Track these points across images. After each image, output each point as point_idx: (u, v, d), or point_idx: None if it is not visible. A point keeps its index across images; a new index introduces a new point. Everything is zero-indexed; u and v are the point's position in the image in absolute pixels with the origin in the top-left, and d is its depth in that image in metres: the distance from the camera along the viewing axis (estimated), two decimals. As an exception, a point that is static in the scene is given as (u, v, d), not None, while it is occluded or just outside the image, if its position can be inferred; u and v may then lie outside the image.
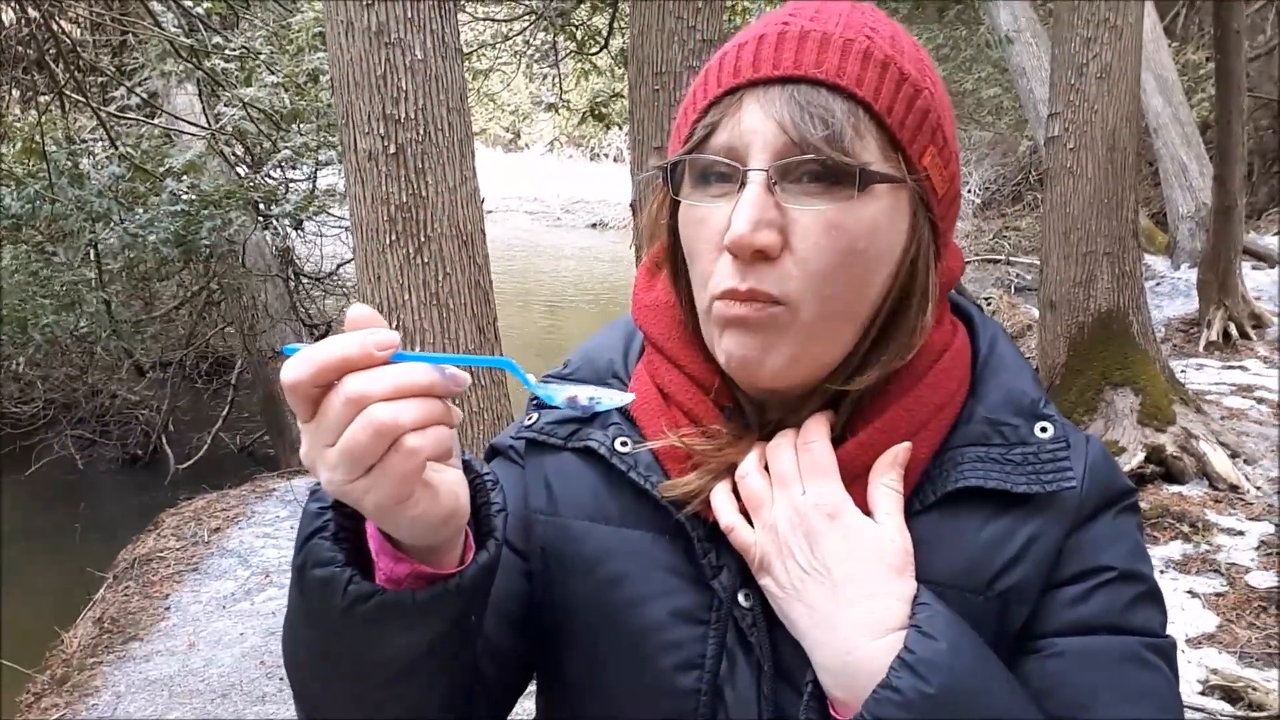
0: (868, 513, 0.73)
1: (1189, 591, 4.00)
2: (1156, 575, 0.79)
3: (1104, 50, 5.05)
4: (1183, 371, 6.37)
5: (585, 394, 0.70)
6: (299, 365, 0.57)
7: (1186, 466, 4.90)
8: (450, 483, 0.62)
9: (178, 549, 5.46)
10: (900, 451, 0.74)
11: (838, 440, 0.75)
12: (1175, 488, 4.83)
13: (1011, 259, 10.63)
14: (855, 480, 0.74)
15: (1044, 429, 0.76)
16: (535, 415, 0.86)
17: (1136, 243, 5.40)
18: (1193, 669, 3.47)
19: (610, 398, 0.70)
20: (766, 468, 0.76)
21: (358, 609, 0.63)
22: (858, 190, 0.68)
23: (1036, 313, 5.94)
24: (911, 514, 0.74)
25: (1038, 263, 8.57)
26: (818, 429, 0.75)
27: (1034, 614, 0.74)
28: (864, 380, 0.74)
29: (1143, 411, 5.06)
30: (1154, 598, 0.77)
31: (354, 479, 0.57)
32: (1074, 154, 5.15)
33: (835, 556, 0.71)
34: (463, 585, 0.65)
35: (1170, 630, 0.78)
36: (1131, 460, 4.84)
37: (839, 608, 0.70)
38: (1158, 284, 8.83)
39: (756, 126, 0.70)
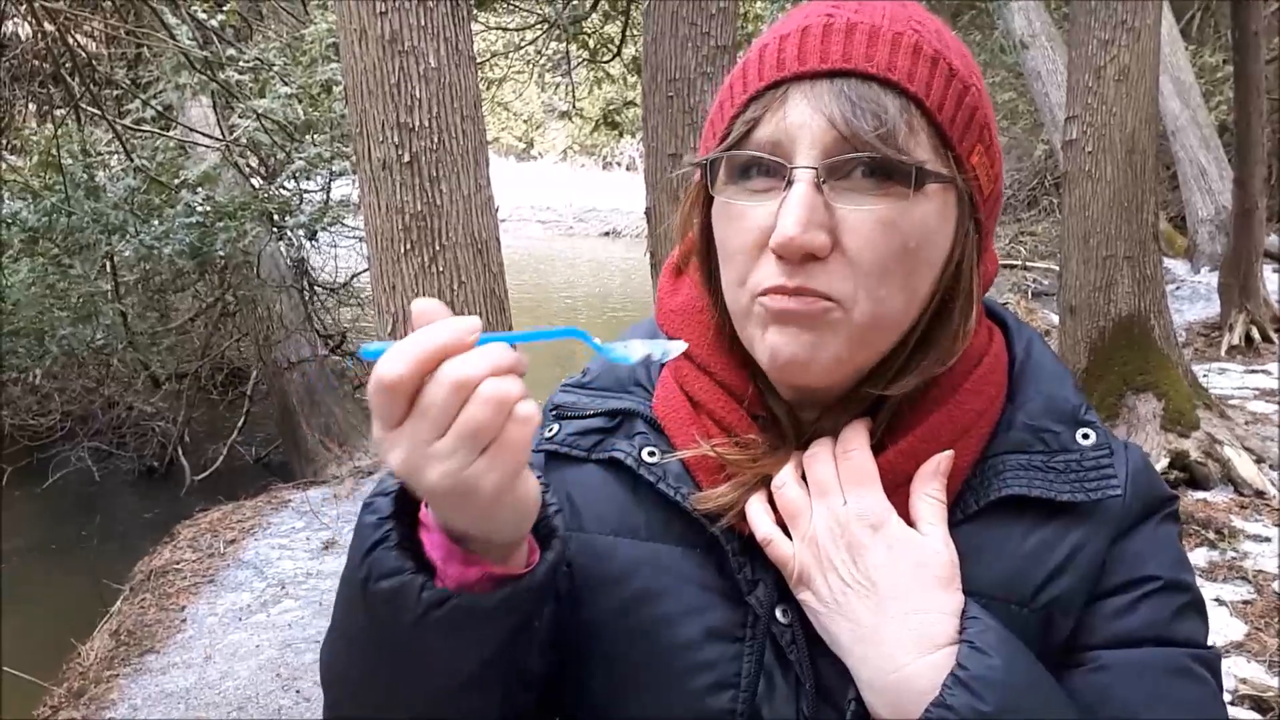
0: (910, 523, 0.71)
1: (1216, 599, 3.94)
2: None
3: (1122, 52, 5.00)
4: (1205, 376, 6.30)
5: (658, 349, 0.68)
6: (397, 362, 0.55)
7: (1211, 472, 4.84)
8: (532, 475, 0.62)
9: (194, 561, 5.45)
10: (943, 460, 0.72)
11: (877, 448, 0.73)
12: (1200, 494, 4.78)
13: (1028, 264, 10.56)
14: (897, 490, 0.72)
15: (1086, 435, 0.74)
16: (556, 427, 0.83)
17: (1157, 246, 5.35)
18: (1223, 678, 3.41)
19: (672, 347, 0.68)
20: (804, 478, 0.73)
21: (432, 616, 0.61)
22: (913, 189, 0.66)
23: (1054, 318, 5.89)
24: (954, 524, 0.72)
25: (1054, 268, 8.49)
26: (858, 437, 0.72)
27: (1078, 626, 0.72)
28: (903, 386, 0.71)
29: (1166, 417, 5.00)
30: (1198, 608, 0.74)
31: (472, 462, 0.56)
32: (1092, 157, 5.10)
33: (879, 569, 0.69)
34: (534, 584, 0.64)
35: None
36: (1155, 466, 4.78)
37: (884, 622, 0.68)
38: (1178, 288, 8.75)
39: (804, 121, 0.67)
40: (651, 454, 0.77)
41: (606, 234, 19.14)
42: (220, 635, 4.63)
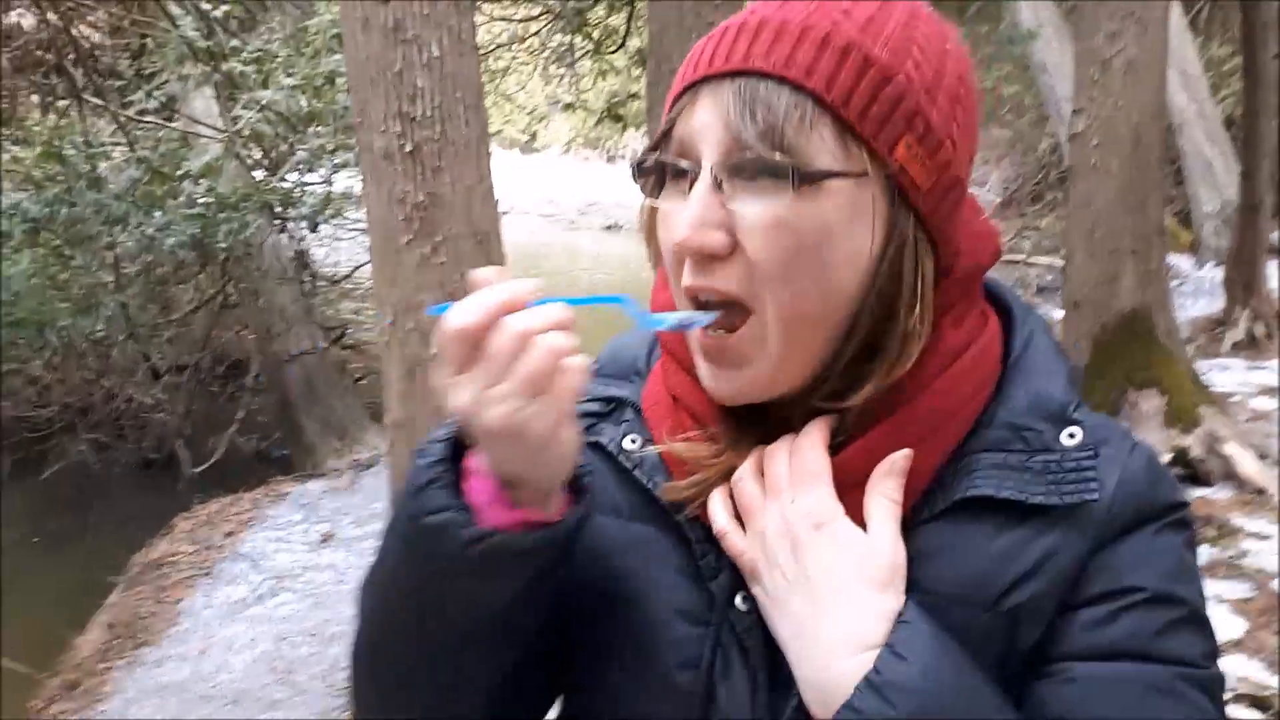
0: (863, 523, 0.70)
1: (1216, 597, 3.93)
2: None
3: (1129, 44, 4.96)
4: (1207, 372, 6.27)
5: (688, 319, 0.72)
6: (469, 313, 0.62)
7: (1213, 469, 4.83)
8: (577, 429, 0.68)
9: (191, 553, 5.45)
10: (899, 459, 0.71)
11: (839, 447, 0.72)
12: (1201, 491, 4.76)
13: (1032, 259, 10.51)
14: (854, 489, 0.71)
15: (1071, 435, 0.71)
16: None
17: (1162, 240, 5.31)
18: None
19: (698, 318, 0.72)
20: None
21: (470, 551, 0.66)
22: (794, 188, 0.66)
23: (1058, 313, 5.86)
24: (919, 522, 0.71)
25: (1059, 262, 8.47)
26: (813, 435, 0.73)
27: (1051, 635, 0.70)
28: (860, 395, 0.70)
29: (1168, 413, 4.98)
30: (1195, 625, 0.70)
31: (526, 405, 0.62)
32: (1098, 150, 5.07)
33: (818, 568, 0.69)
34: (564, 532, 0.69)
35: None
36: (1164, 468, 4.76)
37: (819, 621, 0.69)
38: (1182, 283, 8.71)
39: (707, 123, 0.68)
40: (633, 441, 0.80)
41: (609, 228, 19.09)
42: (216, 628, 4.63)
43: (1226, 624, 3.71)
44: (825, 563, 0.69)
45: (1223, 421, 5.03)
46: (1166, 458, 4.82)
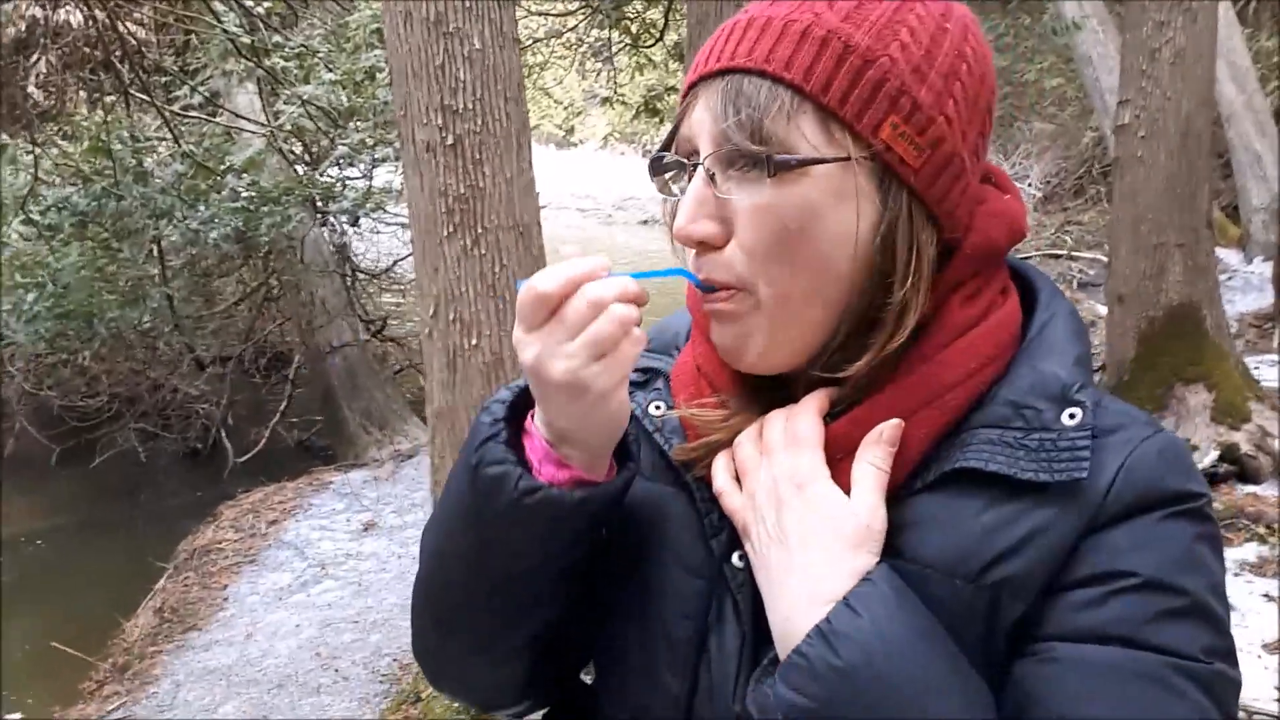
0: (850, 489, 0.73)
1: (1265, 595, 3.86)
2: (1229, 580, 0.70)
3: (1178, 34, 4.86)
4: (1256, 368, 6.14)
5: None
6: (550, 280, 0.69)
7: (1262, 465, 4.74)
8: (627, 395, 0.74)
9: (236, 541, 5.53)
10: (889, 429, 0.72)
11: (836, 417, 0.75)
12: (1250, 488, 4.67)
13: (1074, 254, 10.36)
14: (846, 456, 0.74)
15: (1072, 415, 0.71)
16: None
17: (1210, 234, 5.21)
18: (1269, 675, 3.33)
19: None
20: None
21: (524, 501, 0.72)
22: (769, 175, 0.70)
23: (1101, 309, 5.77)
24: (910, 493, 0.73)
25: (1101, 258, 8.32)
26: (810, 403, 0.76)
27: (1036, 616, 0.69)
28: (858, 367, 0.73)
29: (1216, 409, 4.88)
30: (1196, 617, 0.68)
31: (590, 364, 0.69)
32: (1145, 142, 4.97)
33: (793, 525, 0.72)
34: (610, 492, 0.76)
35: (1243, 636, 0.69)
36: (1204, 459, 4.68)
37: (788, 575, 0.71)
38: (1230, 278, 8.53)
39: (701, 119, 0.73)
40: (658, 407, 0.85)
41: (645, 222, 19.07)
42: (261, 614, 4.69)
43: (1276, 622, 3.64)
44: (801, 520, 0.72)
45: (1273, 417, 4.93)
46: (1214, 454, 4.73)
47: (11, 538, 6.41)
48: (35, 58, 7.67)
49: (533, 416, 0.77)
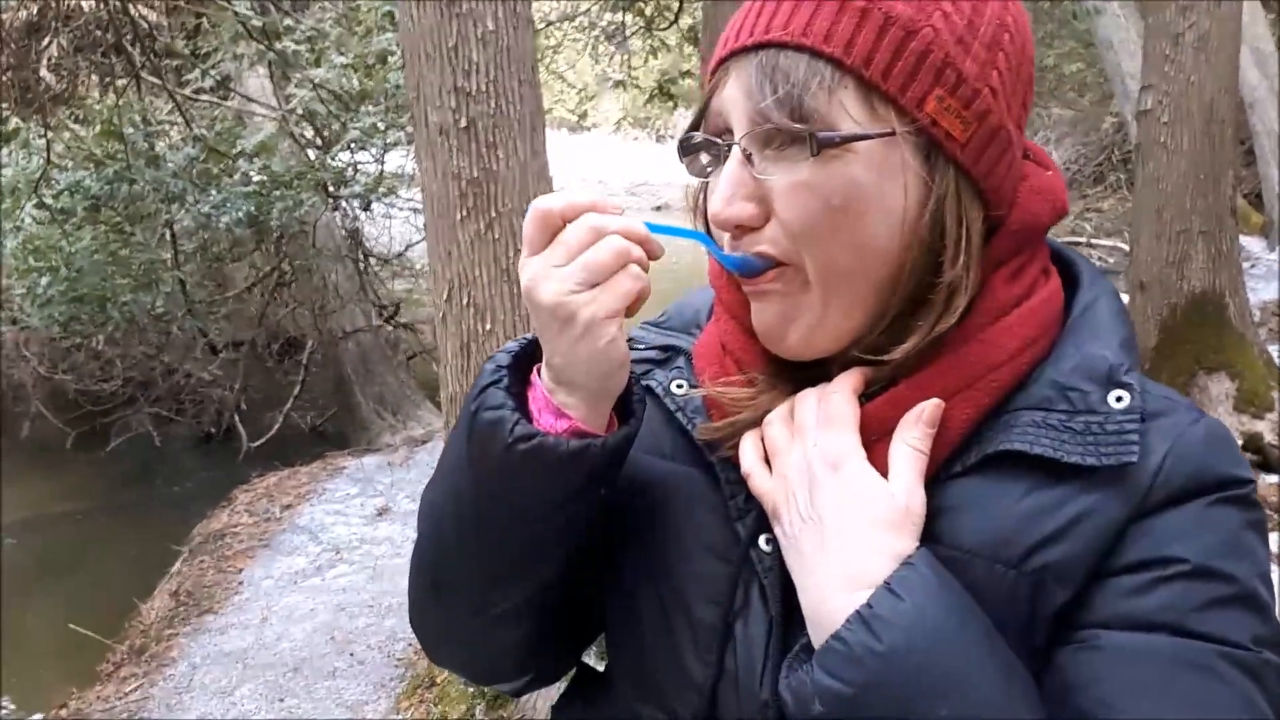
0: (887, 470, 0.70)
1: (1288, 586, 3.81)
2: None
3: (1201, 18, 4.78)
4: None
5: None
6: (556, 199, 0.68)
7: (1285, 455, 4.67)
8: (624, 341, 0.71)
9: (250, 525, 5.54)
10: (929, 409, 0.70)
11: (873, 397, 0.73)
12: (1273, 478, 4.62)
13: (1094, 241, 10.27)
14: (884, 438, 0.71)
15: (1119, 399, 0.68)
16: None
17: (1234, 221, 5.13)
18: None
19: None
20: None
21: (518, 448, 0.70)
22: (813, 154, 0.67)
23: (1123, 296, 5.70)
24: (950, 476, 0.71)
25: (1121, 245, 8.24)
26: (845, 382, 0.73)
27: (1081, 601, 0.67)
28: (904, 348, 0.70)
29: (1239, 397, 4.83)
30: (1244, 604, 0.66)
31: (582, 290, 0.67)
32: (1168, 128, 4.90)
33: (828, 506, 0.69)
34: (607, 445, 0.72)
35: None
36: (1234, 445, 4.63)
37: (824, 557, 0.69)
38: (1253, 266, 8.44)
39: (733, 97, 0.70)
40: (679, 386, 0.82)
41: (658, 208, 19.03)
42: (276, 598, 4.70)
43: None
44: (837, 501, 0.69)
45: (1296, 407, 4.87)
46: (1238, 443, 4.68)
47: (27, 521, 6.45)
48: (47, 41, 7.66)
49: (538, 370, 0.75)
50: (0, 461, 6.86)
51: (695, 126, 0.74)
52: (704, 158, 0.75)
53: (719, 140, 0.72)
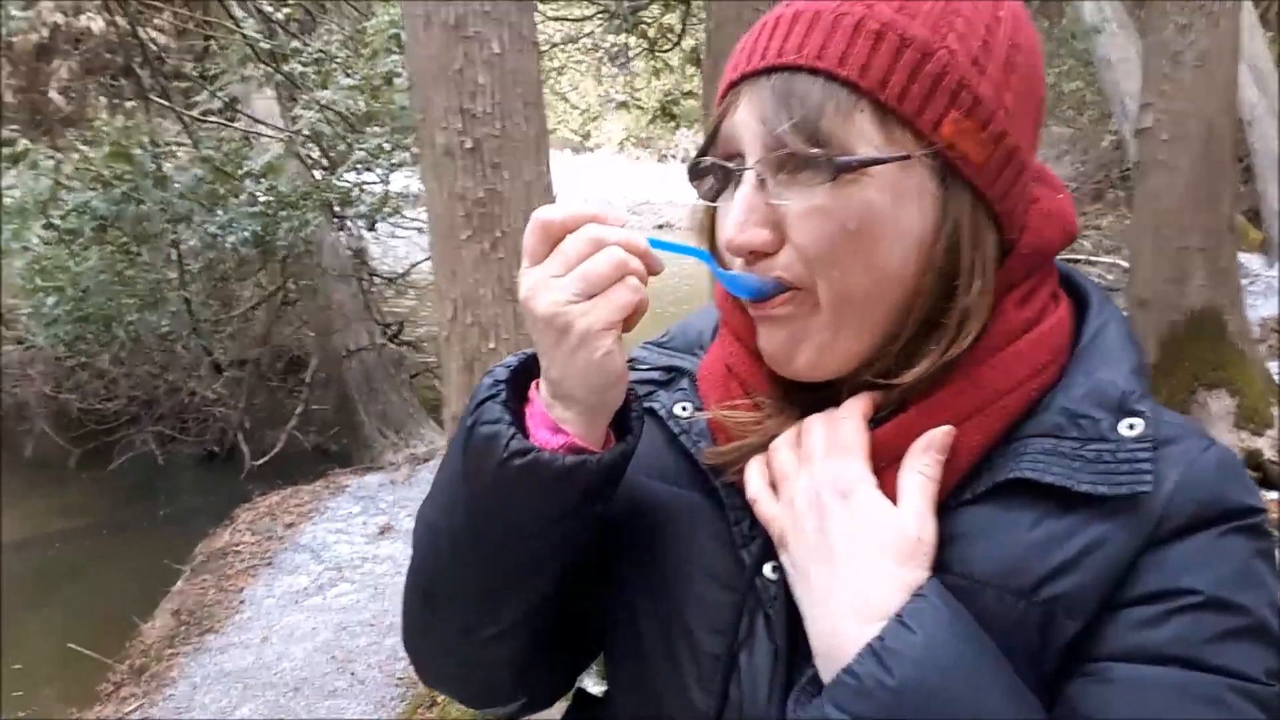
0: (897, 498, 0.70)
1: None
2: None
3: (1200, 37, 4.82)
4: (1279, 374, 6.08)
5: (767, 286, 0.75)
6: (557, 210, 0.68)
7: (1287, 473, 4.67)
8: (622, 354, 0.70)
9: (252, 543, 5.54)
10: (939, 436, 0.69)
11: (882, 423, 0.72)
12: (1274, 494, 4.60)
13: (1093, 259, 10.29)
14: (893, 464, 0.70)
15: (1131, 426, 0.68)
16: None
17: (1233, 237, 5.15)
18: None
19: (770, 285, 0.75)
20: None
21: (513, 463, 0.69)
22: (830, 179, 0.66)
23: (1123, 313, 5.71)
24: (960, 504, 0.70)
25: (1120, 263, 8.26)
26: (854, 407, 0.72)
27: (1092, 633, 0.66)
28: (915, 372, 0.70)
29: (1239, 414, 4.83)
30: (1256, 636, 0.65)
31: (577, 302, 0.66)
32: (1167, 146, 4.93)
33: (838, 536, 0.68)
34: (602, 462, 0.71)
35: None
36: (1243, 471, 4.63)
37: (834, 588, 0.67)
38: (1252, 282, 8.44)
39: (746, 121, 0.69)
40: (685, 409, 0.81)
41: (660, 227, 19.09)
42: (277, 617, 4.70)
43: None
44: (846, 531, 0.68)
45: (1297, 424, 4.87)
46: (1247, 471, 4.68)
47: (30, 539, 6.45)
48: (57, 64, 7.74)
49: (537, 385, 0.74)
50: (2, 479, 6.88)
51: (705, 150, 0.74)
52: (713, 181, 0.74)
53: (730, 165, 0.71)
